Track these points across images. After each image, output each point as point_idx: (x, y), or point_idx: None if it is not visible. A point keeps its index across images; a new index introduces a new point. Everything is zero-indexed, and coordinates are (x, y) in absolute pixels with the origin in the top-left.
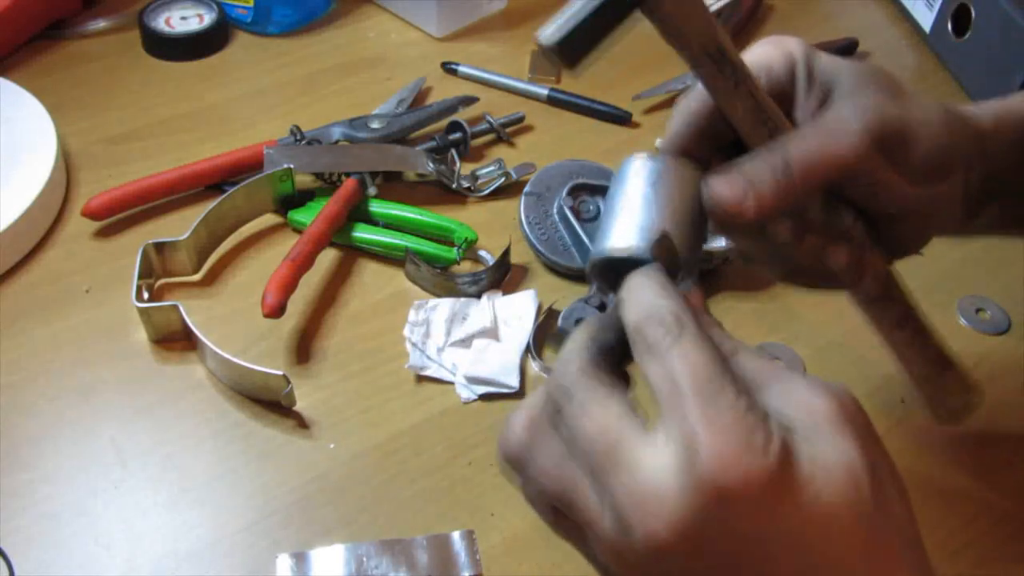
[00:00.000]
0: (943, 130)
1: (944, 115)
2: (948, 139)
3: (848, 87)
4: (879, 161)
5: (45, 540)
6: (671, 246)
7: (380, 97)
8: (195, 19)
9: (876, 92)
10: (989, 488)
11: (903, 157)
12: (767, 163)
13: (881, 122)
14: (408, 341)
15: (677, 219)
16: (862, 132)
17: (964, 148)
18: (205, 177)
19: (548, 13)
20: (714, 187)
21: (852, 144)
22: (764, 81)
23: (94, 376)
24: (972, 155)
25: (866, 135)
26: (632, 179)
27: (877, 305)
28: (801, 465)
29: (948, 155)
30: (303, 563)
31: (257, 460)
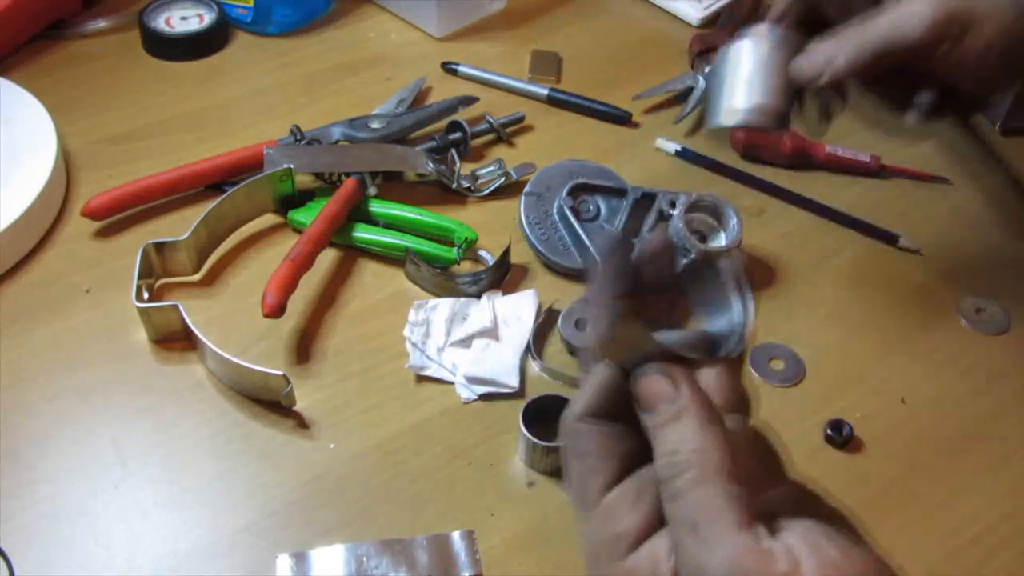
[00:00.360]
0: (1009, 17)
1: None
2: (1014, 25)
3: None
4: (944, 47)
5: (45, 540)
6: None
7: (380, 97)
8: (195, 19)
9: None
10: (989, 487)
11: (968, 43)
12: (843, 46)
13: (948, 13)
14: (408, 341)
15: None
16: (929, 23)
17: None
18: (205, 177)
19: (548, 13)
20: (796, 65)
21: (918, 34)
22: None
23: (94, 376)
24: None
25: (931, 25)
26: (744, 56)
27: None
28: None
29: (1014, 42)
30: (303, 563)
31: (257, 460)
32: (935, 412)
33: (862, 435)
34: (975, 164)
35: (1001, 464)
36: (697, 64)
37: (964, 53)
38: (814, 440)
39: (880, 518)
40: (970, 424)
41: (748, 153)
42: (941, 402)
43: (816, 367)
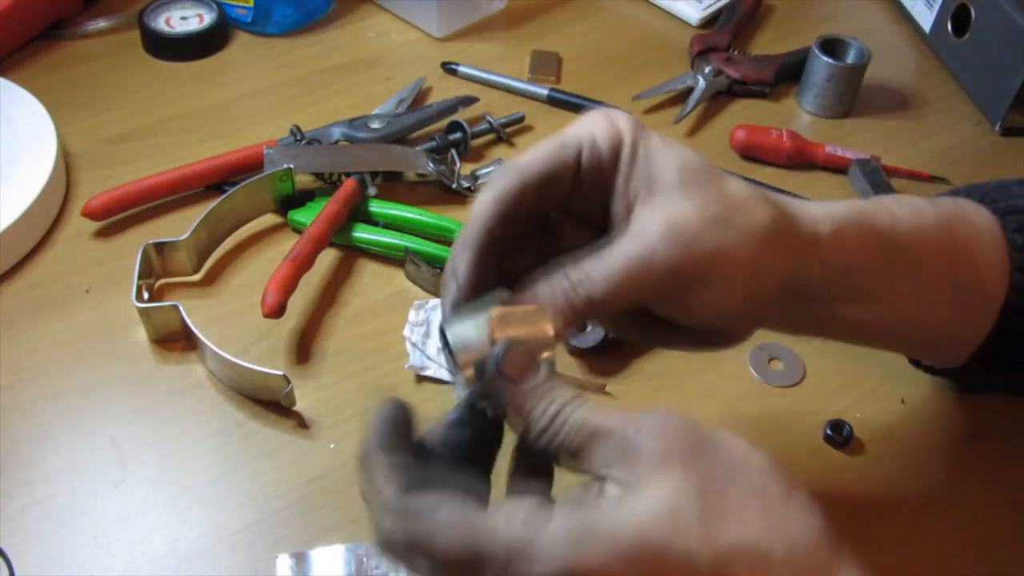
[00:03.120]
0: (762, 251)
1: (769, 230)
2: (766, 261)
3: (670, 188)
4: (685, 290)
5: (45, 540)
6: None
7: (380, 97)
8: (195, 19)
9: (694, 207)
10: (989, 487)
11: (713, 280)
12: (563, 291)
13: (690, 256)
14: (408, 341)
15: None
16: (667, 266)
17: (784, 264)
18: (205, 177)
19: (548, 13)
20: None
21: (656, 277)
22: (585, 152)
23: (94, 376)
24: (794, 269)
25: (670, 266)
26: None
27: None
28: (601, 526)
29: (763, 276)
30: (303, 563)
31: (257, 460)
32: (935, 412)
33: (862, 435)
34: (975, 164)
35: (1001, 464)
36: (697, 64)
37: (703, 303)
38: (814, 440)
39: (880, 518)
40: (970, 424)
41: (747, 154)
42: (941, 402)
43: (816, 367)
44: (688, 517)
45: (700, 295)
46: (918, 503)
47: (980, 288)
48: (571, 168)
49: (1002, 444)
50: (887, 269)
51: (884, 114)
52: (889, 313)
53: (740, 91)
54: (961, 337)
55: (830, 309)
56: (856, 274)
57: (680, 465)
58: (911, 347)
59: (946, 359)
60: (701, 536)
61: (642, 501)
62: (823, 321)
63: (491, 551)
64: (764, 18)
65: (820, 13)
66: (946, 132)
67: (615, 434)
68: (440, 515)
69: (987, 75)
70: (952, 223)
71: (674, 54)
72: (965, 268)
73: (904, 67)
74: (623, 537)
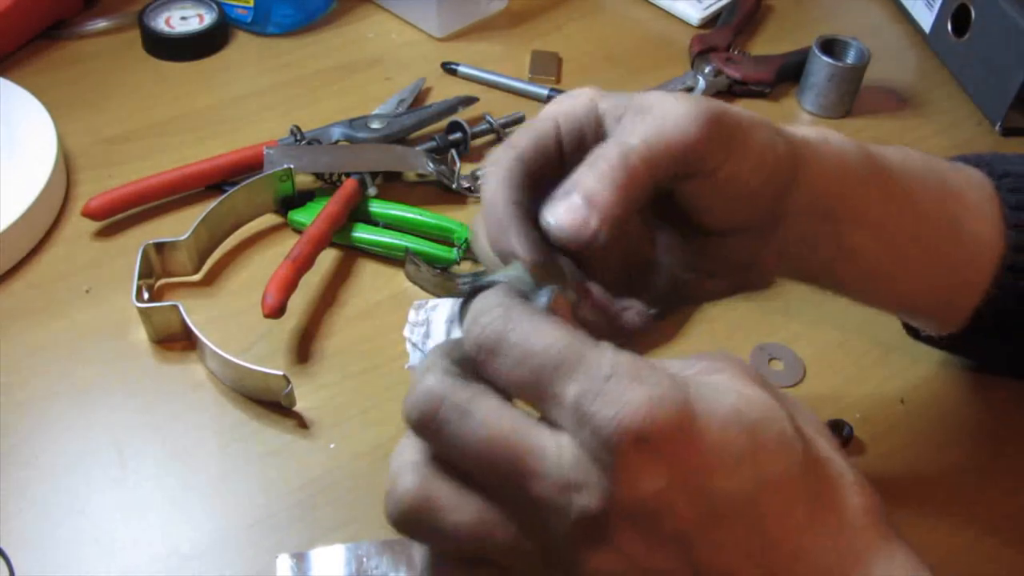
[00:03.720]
0: (771, 134)
1: (771, 123)
2: (777, 141)
3: (666, 102)
4: (713, 153)
5: (45, 540)
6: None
7: (380, 97)
8: (195, 19)
9: (701, 101)
10: (990, 487)
11: (741, 150)
12: (602, 169)
13: (717, 114)
14: (408, 341)
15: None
16: (701, 117)
17: (789, 152)
18: (205, 177)
19: (548, 13)
20: (549, 217)
21: (692, 129)
22: (562, 123)
23: (94, 376)
24: (807, 163)
25: (705, 121)
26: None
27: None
28: (704, 386)
29: (775, 156)
30: (303, 563)
31: (257, 460)
32: (935, 412)
33: (862, 435)
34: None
35: (1001, 464)
36: (697, 64)
37: (729, 174)
38: None
39: None
40: (970, 424)
41: None
42: (941, 402)
43: (816, 367)
44: (779, 413)
45: (727, 163)
46: (918, 503)
47: (974, 236)
48: (553, 139)
49: (1002, 444)
50: (882, 191)
51: (884, 114)
52: (888, 244)
53: (740, 91)
54: (957, 294)
55: (834, 228)
56: (853, 188)
57: (762, 386)
58: (911, 301)
59: (944, 320)
60: (793, 431)
61: (735, 388)
62: (829, 246)
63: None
64: (764, 18)
65: (820, 13)
66: (946, 132)
67: (692, 363)
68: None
69: (987, 75)
70: (942, 169)
71: (674, 54)
72: (957, 210)
73: (904, 67)
74: (727, 398)
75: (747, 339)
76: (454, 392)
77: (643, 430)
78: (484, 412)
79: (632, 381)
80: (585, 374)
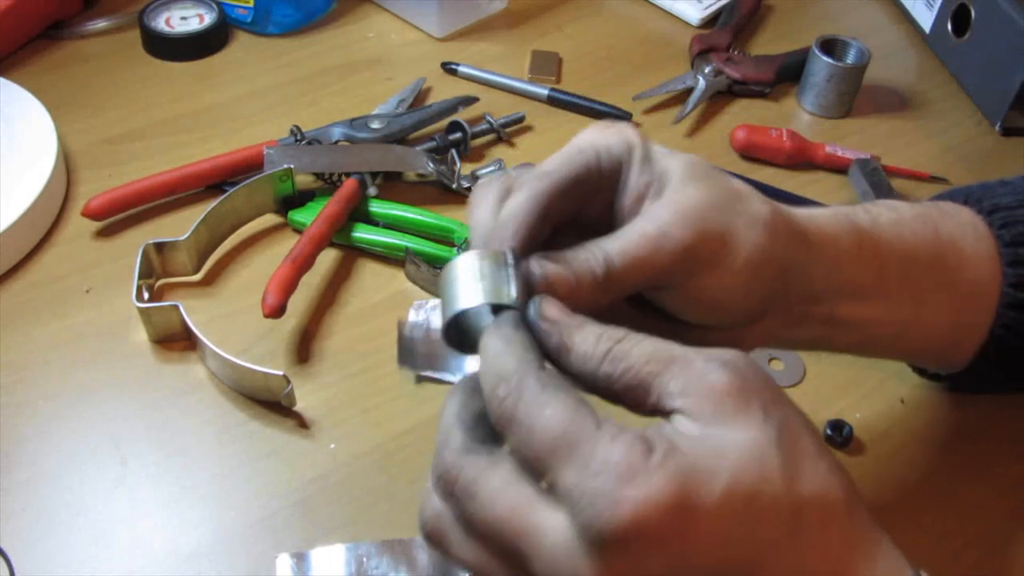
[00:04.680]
0: (764, 236)
1: (771, 217)
2: (768, 245)
3: (678, 180)
4: (696, 271)
5: (45, 540)
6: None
7: (380, 97)
8: (195, 19)
9: (702, 194)
10: (990, 487)
11: (721, 262)
12: (589, 259)
13: (701, 234)
14: None
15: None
16: (681, 241)
17: (782, 252)
18: (205, 177)
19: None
20: (548, 268)
21: (671, 249)
22: (602, 158)
23: (94, 376)
24: (797, 258)
25: (684, 243)
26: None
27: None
28: (698, 468)
29: (763, 262)
30: (303, 563)
31: (257, 460)
32: (935, 412)
33: (862, 435)
34: (975, 164)
35: (1001, 465)
36: (697, 64)
37: (711, 286)
38: None
39: (879, 518)
40: (970, 424)
41: (747, 154)
42: (941, 402)
43: (816, 367)
44: (772, 464)
45: (706, 278)
46: (918, 503)
47: (973, 281)
48: (594, 173)
49: (1002, 444)
50: (877, 263)
51: (884, 114)
52: (886, 311)
53: (740, 91)
54: (961, 335)
55: (827, 309)
56: (846, 267)
57: (761, 409)
58: (913, 350)
59: (950, 362)
60: (784, 485)
61: (728, 443)
62: (822, 324)
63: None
64: (764, 18)
65: (820, 13)
66: (946, 132)
67: (688, 365)
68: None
69: (987, 75)
70: (933, 219)
71: (674, 54)
72: (954, 260)
73: (904, 67)
74: (720, 478)
75: None
76: (463, 470)
77: (630, 530)
78: (488, 492)
79: (621, 481)
80: (578, 464)
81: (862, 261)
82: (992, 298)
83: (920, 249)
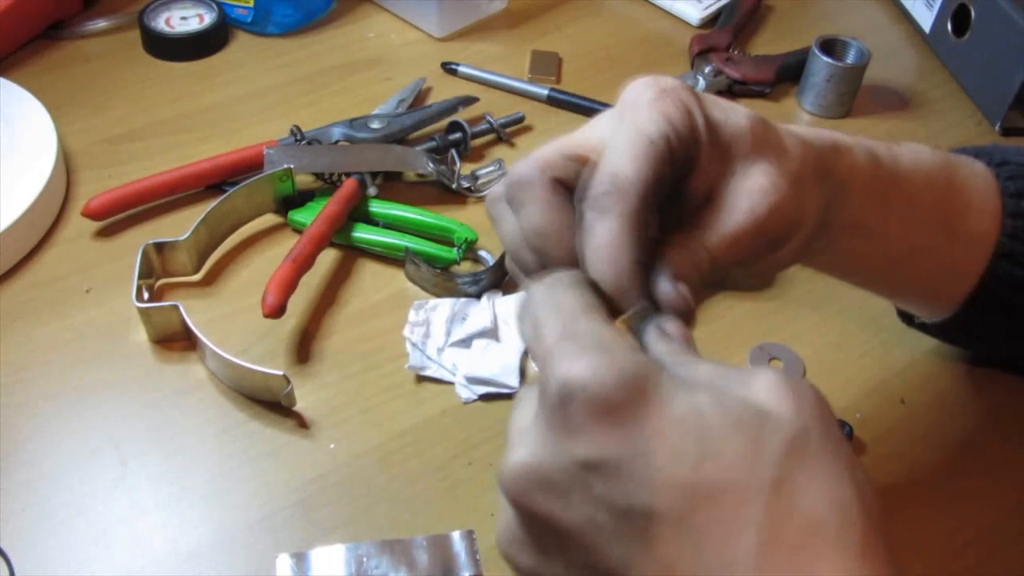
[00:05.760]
0: (816, 199)
1: (816, 175)
2: (817, 204)
3: (746, 154)
4: (773, 248)
5: (45, 540)
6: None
7: (380, 97)
8: (195, 19)
9: (774, 173)
10: (989, 488)
11: (794, 239)
12: (692, 259)
13: (783, 220)
14: (408, 341)
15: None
16: (758, 235)
17: (822, 203)
18: (205, 177)
19: (548, 13)
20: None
21: (752, 245)
22: (675, 148)
23: (94, 376)
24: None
25: (763, 237)
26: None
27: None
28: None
29: (813, 221)
30: (303, 563)
31: (257, 460)
32: (935, 412)
33: (862, 435)
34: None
35: (1001, 464)
36: (697, 64)
37: (784, 255)
38: None
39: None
40: (970, 424)
41: None
42: (941, 402)
43: (816, 367)
44: (768, 440)
45: (781, 253)
46: (919, 503)
47: (972, 230)
48: (669, 168)
49: (1003, 444)
50: (883, 202)
51: (884, 114)
52: (884, 247)
53: (740, 91)
54: (952, 280)
55: (826, 238)
56: (854, 202)
57: (793, 400)
58: (903, 289)
59: (936, 307)
60: (764, 464)
61: (735, 391)
62: (819, 251)
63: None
64: (764, 18)
65: (820, 13)
66: (946, 132)
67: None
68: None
69: (987, 75)
70: (951, 166)
71: (674, 54)
72: (958, 208)
73: (904, 67)
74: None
75: (747, 339)
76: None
77: (577, 391)
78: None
79: (595, 347)
80: (562, 332)
81: (870, 199)
82: (988, 247)
83: (929, 193)
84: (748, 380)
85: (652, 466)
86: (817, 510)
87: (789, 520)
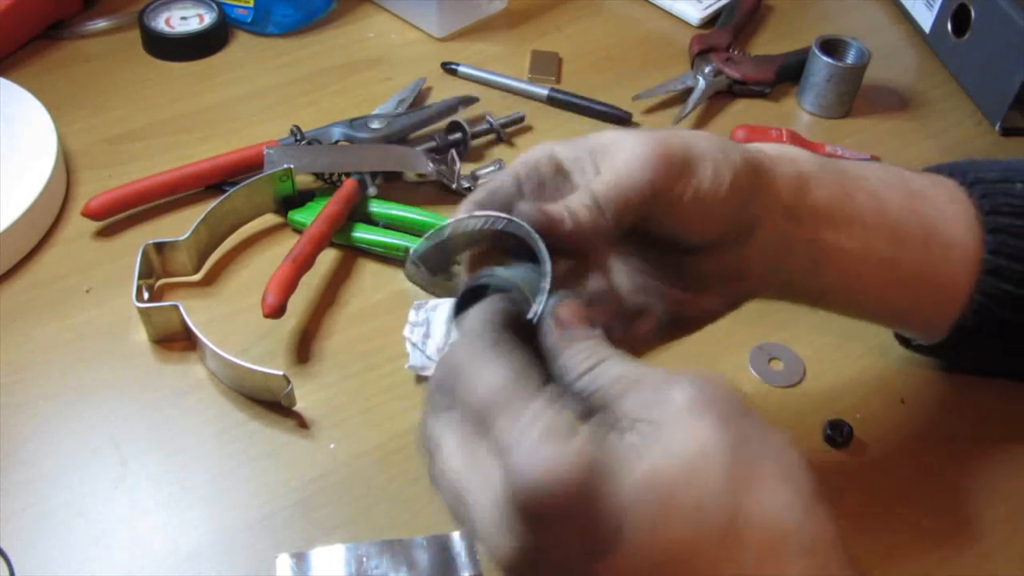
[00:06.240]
0: (720, 146)
1: (723, 140)
2: (730, 150)
3: (628, 134)
4: (672, 183)
5: (45, 540)
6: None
7: (380, 97)
8: (195, 19)
9: (655, 133)
10: (990, 488)
11: (697, 170)
12: (579, 199)
13: (666, 147)
14: (408, 341)
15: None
16: (651, 158)
17: (746, 163)
18: (205, 177)
19: (548, 13)
20: (541, 207)
21: (644, 173)
22: (547, 162)
23: (94, 376)
24: (762, 168)
25: (655, 160)
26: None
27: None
28: (623, 452)
29: (733, 175)
30: (303, 563)
31: (257, 460)
32: (935, 412)
33: (862, 435)
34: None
35: (1001, 464)
36: (697, 64)
37: (692, 194)
38: (814, 440)
39: (880, 518)
40: (970, 424)
41: None
42: (941, 402)
43: (816, 367)
44: (712, 468)
45: (688, 189)
46: (918, 503)
47: (948, 240)
48: (513, 189)
49: (1003, 444)
50: (842, 187)
51: (884, 114)
52: (865, 243)
53: (740, 91)
54: (939, 298)
55: (810, 232)
56: (812, 185)
57: (717, 418)
58: (893, 307)
59: (930, 328)
60: (721, 491)
61: (664, 442)
62: (808, 248)
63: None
64: (764, 18)
65: (820, 13)
66: (946, 132)
67: (652, 385)
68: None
69: (987, 75)
70: (900, 172)
71: (674, 54)
72: (928, 212)
73: (904, 67)
74: (641, 465)
75: (747, 339)
76: (431, 431)
77: (540, 488)
78: (444, 454)
79: (543, 437)
80: (511, 417)
81: (827, 182)
82: (971, 265)
83: (889, 190)
84: (666, 407)
85: (611, 549)
86: (772, 522)
87: (750, 547)
